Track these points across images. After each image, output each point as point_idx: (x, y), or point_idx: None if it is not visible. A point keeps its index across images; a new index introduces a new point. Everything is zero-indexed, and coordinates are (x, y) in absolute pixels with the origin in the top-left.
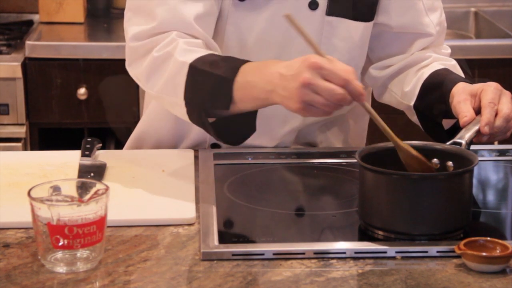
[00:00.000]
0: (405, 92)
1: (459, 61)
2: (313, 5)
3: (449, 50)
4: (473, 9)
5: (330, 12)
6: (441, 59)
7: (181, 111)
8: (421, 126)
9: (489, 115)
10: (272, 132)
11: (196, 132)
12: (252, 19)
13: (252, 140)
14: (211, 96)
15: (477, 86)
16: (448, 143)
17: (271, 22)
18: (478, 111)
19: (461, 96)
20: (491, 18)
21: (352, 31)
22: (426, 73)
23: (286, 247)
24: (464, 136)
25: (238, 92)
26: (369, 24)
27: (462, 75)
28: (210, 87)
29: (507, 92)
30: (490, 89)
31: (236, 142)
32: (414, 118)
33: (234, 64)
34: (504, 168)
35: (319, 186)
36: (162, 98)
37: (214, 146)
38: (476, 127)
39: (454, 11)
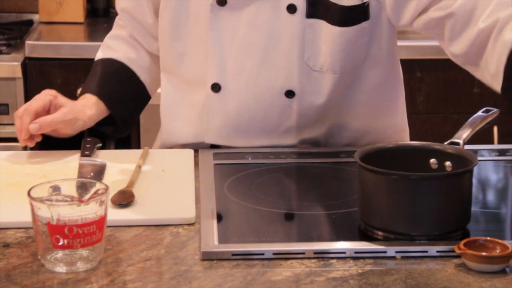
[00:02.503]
0: (491, 74)
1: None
2: (291, 9)
3: None
4: None
5: (310, 14)
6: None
7: None
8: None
9: None
10: (268, 132)
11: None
12: (233, 24)
13: (250, 141)
14: None
15: None
16: (445, 143)
17: (252, 26)
18: None
19: None
20: None
21: (333, 35)
22: (504, 52)
23: (286, 247)
24: (462, 136)
25: None
26: (350, 29)
27: None
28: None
29: None
30: None
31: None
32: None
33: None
34: (504, 168)
35: (319, 186)
36: None
37: (213, 146)
38: (474, 127)
39: None
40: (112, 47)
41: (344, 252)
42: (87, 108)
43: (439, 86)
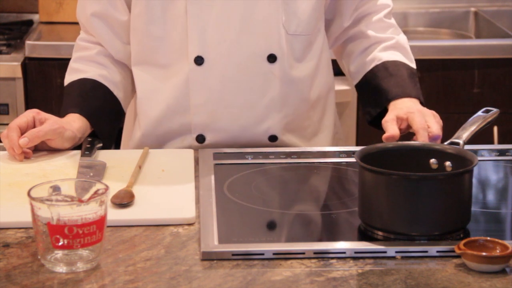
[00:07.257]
0: (350, 71)
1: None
2: None
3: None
4: (473, 9)
5: None
6: (385, 40)
7: None
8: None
9: (424, 138)
10: (253, 104)
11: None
12: None
13: (234, 117)
14: None
15: (404, 111)
16: (446, 143)
17: None
18: (403, 131)
19: (389, 116)
20: (491, 18)
21: None
22: (368, 64)
23: (286, 247)
24: (462, 136)
25: None
26: None
27: (405, 57)
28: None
29: (428, 112)
30: (417, 115)
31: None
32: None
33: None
34: (504, 168)
35: (318, 186)
36: None
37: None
38: (474, 127)
39: (454, 11)
40: (80, 69)
41: (344, 252)
42: (73, 122)
43: (439, 86)
